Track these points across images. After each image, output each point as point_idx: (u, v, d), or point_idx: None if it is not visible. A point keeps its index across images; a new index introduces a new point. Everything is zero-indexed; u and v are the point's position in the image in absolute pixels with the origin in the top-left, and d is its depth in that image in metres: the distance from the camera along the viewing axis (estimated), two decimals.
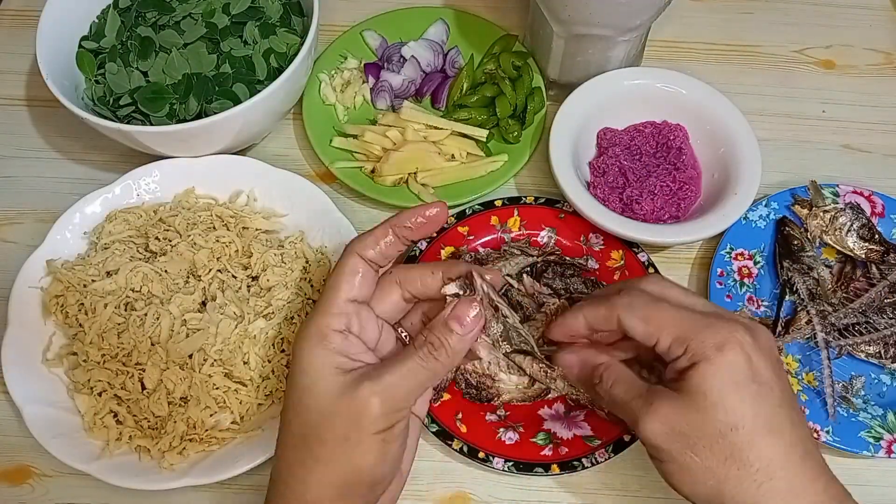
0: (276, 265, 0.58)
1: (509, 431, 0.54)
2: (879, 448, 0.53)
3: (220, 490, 0.55)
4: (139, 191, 0.62)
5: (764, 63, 0.75)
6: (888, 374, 0.58)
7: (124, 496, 0.54)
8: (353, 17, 0.74)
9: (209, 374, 0.54)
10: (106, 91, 0.63)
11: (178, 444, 0.53)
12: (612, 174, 0.63)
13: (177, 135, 0.58)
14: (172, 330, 0.55)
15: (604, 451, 0.52)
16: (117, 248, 0.58)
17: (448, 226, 0.62)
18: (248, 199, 0.63)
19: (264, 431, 0.54)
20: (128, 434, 0.53)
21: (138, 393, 0.54)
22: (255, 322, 0.55)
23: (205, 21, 0.64)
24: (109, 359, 0.54)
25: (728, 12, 0.78)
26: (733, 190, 0.60)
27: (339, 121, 0.69)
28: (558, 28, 0.63)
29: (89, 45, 0.65)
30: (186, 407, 0.53)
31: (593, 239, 0.62)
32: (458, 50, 0.72)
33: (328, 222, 0.61)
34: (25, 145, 0.70)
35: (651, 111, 0.66)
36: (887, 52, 0.75)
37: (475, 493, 0.55)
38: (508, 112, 0.66)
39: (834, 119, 0.71)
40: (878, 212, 0.63)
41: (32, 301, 0.57)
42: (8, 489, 0.55)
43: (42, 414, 0.53)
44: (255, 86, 0.62)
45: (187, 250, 0.58)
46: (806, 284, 0.59)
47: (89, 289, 0.56)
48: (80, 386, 0.55)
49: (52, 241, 0.59)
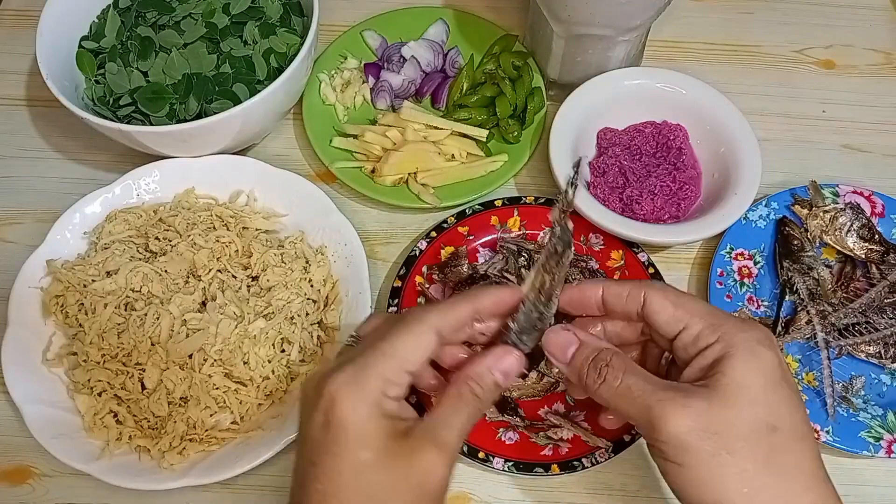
0: (276, 265, 0.58)
1: (509, 431, 0.54)
2: (879, 448, 0.53)
3: (221, 490, 0.55)
4: (139, 191, 0.62)
5: (764, 63, 0.75)
6: (888, 374, 0.58)
7: (124, 496, 0.54)
8: (353, 17, 0.74)
9: (209, 374, 0.54)
10: (106, 91, 0.63)
11: (178, 444, 0.53)
12: (612, 174, 0.63)
13: (177, 135, 0.58)
14: (172, 330, 0.55)
15: (604, 451, 0.52)
16: (117, 248, 0.58)
17: (448, 226, 0.62)
18: (248, 199, 0.63)
19: (264, 431, 0.54)
20: (128, 434, 0.53)
21: (138, 393, 0.54)
22: (255, 322, 0.55)
23: (205, 21, 0.64)
24: (109, 359, 0.54)
25: (728, 12, 0.78)
26: (733, 190, 0.60)
27: (339, 121, 0.69)
28: (558, 28, 0.63)
29: (89, 45, 0.65)
30: (186, 407, 0.53)
31: (593, 239, 0.62)
32: (458, 50, 0.72)
33: (328, 222, 0.61)
34: (25, 145, 0.70)
35: (651, 111, 0.66)
36: (887, 52, 0.75)
37: (475, 493, 0.55)
38: (508, 112, 0.66)
39: (834, 119, 0.71)
40: (878, 212, 0.63)
41: (32, 301, 0.57)
42: (8, 489, 0.55)
43: (42, 414, 0.53)
44: (255, 86, 0.62)
45: (187, 250, 0.58)
46: (806, 284, 0.59)
47: (89, 289, 0.56)
48: (80, 386, 0.55)
49: (52, 241, 0.59)
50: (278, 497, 0.55)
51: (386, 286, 0.63)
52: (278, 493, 0.55)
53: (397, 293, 0.59)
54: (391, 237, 0.65)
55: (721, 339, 0.39)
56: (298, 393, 0.41)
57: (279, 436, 0.52)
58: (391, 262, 0.64)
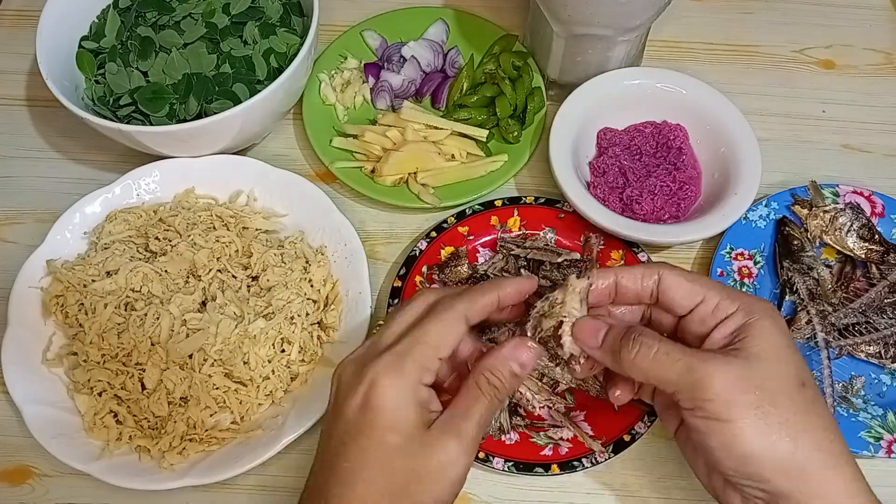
0: (276, 265, 0.58)
1: (510, 431, 0.54)
2: (879, 448, 0.53)
3: (221, 490, 0.55)
4: (139, 191, 0.62)
5: (764, 63, 0.75)
6: (888, 374, 0.58)
7: (124, 496, 0.54)
8: (353, 17, 0.74)
9: (209, 374, 0.54)
10: (106, 91, 0.63)
11: (177, 444, 0.53)
12: (612, 174, 0.63)
13: (177, 135, 0.58)
14: (172, 330, 0.55)
15: (604, 451, 0.52)
16: (117, 248, 0.58)
17: (448, 226, 0.62)
18: (248, 199, 0.63)
19: (264, 431, 0.54)
20: (128, 434, 0.53)
21: (138, 393, 0.54)
22: (255, 322, 0.55)
23: (205, 21, 0.64)
24: (109, 359, 0.54)
25: (728, 12, 0.78)
26: (733, 190, 0.60)
27: (339, 121, 0.69)
28: (558, 28, 0.63)
29: (89, 45, 0.65)
30: (186, 407, 0.53)
31: (593, 239, 0.61)
32: (458, 50, 0.72)
33: (328, 222, 0.61)
34: (25, 145, 0.70)
35: (651, 111, 0.66)
36: (887, 52, 0.75)
37: (475, 493, 0.55)
38: (508, 112, 0.66)
39: (834, 119, 0.71)
40: (878, 212, 0.63)
41: (32, 301, 0.57)
42: (8, 489, 0.55)
43: (42, 414, 0.53)
44: (255, 86, 0.62)
45: (187, 250, 0.58)
46: (806, 284, 0.59)
47: (89, 289, 0.56)
48: (80, 386, 0.55)
49: (53, 241, 0.59)
50: (278, 497, 0.55)
51: (386, 286, 0.63)
52: (278, 493, 0.55)
53: (397, 293, 0.59)
54: (391, 237, 0.65)
55: (742, 308, 0.42)
56: (332, 377, 0.44)
57: (279, 436, 0.52)
58: (391, 262, 0.64)
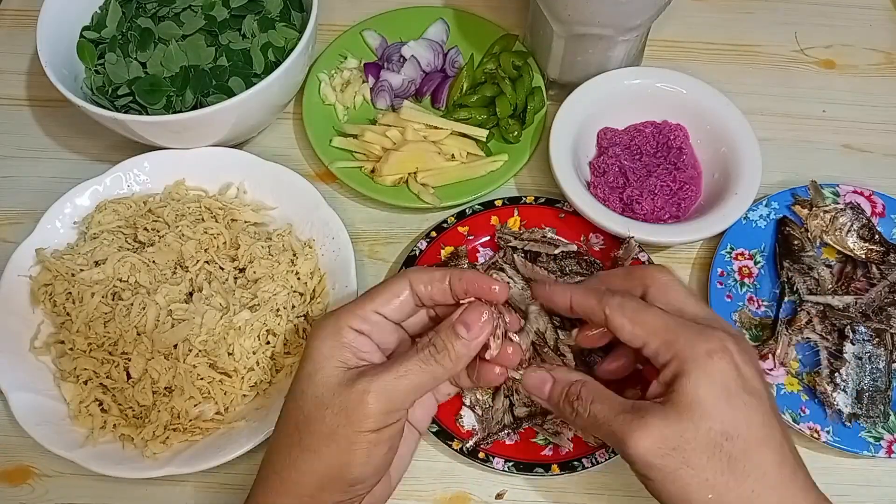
0: (263, 257, 0.58)
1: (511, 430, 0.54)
2: (879, 448, 0.53)
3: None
4: (130, 182, 0.62)
5: (764, 63, 0.75)
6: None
7: (124, 496, 0.54)
8: (353, 16, 0.74)
9: (194, 364, 0.54)
10: (105, 81, 0.63)
11: (161, 433, 0.53)
12: (612, 174, 0.63)
13: (171, 125, 0.58)
14: (158, 320, 0.55)
15: (604, 451, 0.52)
16: (106, 237, 0.58)
17: (448, 225, 0.62)
18: (237, 192, 0.63)
19: (248, 422, 0.54)
20: (112, 422, 0.53)
21: (123, 382, 0.54)
22: (241, 313, 0.55)
23: (204, 13, 0.64)
24: (96, 348, 0.55)
25: (728, 12, 0.78)
26: (733, 190, 0.60)
27: (339, 120, 0.69)
28: (558, 28, 0.63)
29: (90, 35, 0.65)
30: (171, 397, 0.53)
31: (593, 239, 0.62)
32: (458, 50, 0.72)
33: (317, 216, 0.61)
34: (26, 145, 0.70)
35: (651, 111, 0.66)
36: (887, 52, 0.75)
37: (475, 494, 0.55)
38: (508, 112, 0.66)
39: (834, 119, 0.71)
40: (878, 212, 0.63)
41: (21, 289, 0.57)
42: (8, 489, 0.55)
43: (28, 401, 0.53)
44: (252, 80, 0.62)
45: (175, 241, 0.58)
46: (806, 284, 0.59)
47: (77, 278, 0.56)
48: (67, 374, 0.55)
49: (43, 230, 0.59)
50: None
51: None
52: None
53: None
54: (391, 237, 0.65)
55: (675, 357, 0.41)
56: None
57: (262, 427, 0.52)
58: (391, 262, 0.64)
